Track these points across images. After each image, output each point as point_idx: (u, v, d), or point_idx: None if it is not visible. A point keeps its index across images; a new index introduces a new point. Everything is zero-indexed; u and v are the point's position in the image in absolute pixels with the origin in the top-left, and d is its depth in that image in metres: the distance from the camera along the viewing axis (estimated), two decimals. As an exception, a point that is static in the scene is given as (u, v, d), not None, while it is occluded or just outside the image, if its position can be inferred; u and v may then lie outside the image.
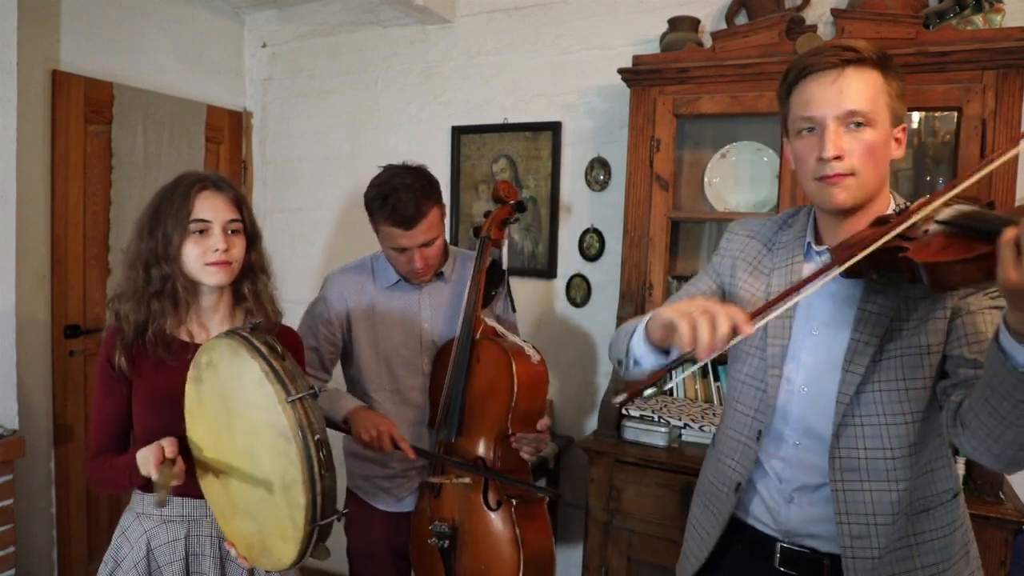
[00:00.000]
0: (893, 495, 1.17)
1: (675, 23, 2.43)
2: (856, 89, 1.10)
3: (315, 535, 1.19)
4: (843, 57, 1.10)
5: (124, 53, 2.93)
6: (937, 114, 2.15)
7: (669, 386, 1.10)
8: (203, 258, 1.41)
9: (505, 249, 1.99)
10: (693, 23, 2.44)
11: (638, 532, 2.21)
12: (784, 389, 1.25)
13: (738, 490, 1.30)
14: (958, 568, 1.21)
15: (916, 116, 2.20)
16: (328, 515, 1.18)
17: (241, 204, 1.48)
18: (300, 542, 1.18)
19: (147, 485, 1.42)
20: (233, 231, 1.45)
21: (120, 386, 1.44)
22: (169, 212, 1.41)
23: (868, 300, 1.16)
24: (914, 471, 1.17)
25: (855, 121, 1.10)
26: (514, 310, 2.13)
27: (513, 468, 1.84)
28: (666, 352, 1.15)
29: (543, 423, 1.88)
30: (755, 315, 1.05)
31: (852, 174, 1.11)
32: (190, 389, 1.35)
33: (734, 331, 0.98)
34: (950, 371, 1.11)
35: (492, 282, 1.97)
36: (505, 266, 2.00)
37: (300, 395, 1.17)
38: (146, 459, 1.32)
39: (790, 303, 1.09)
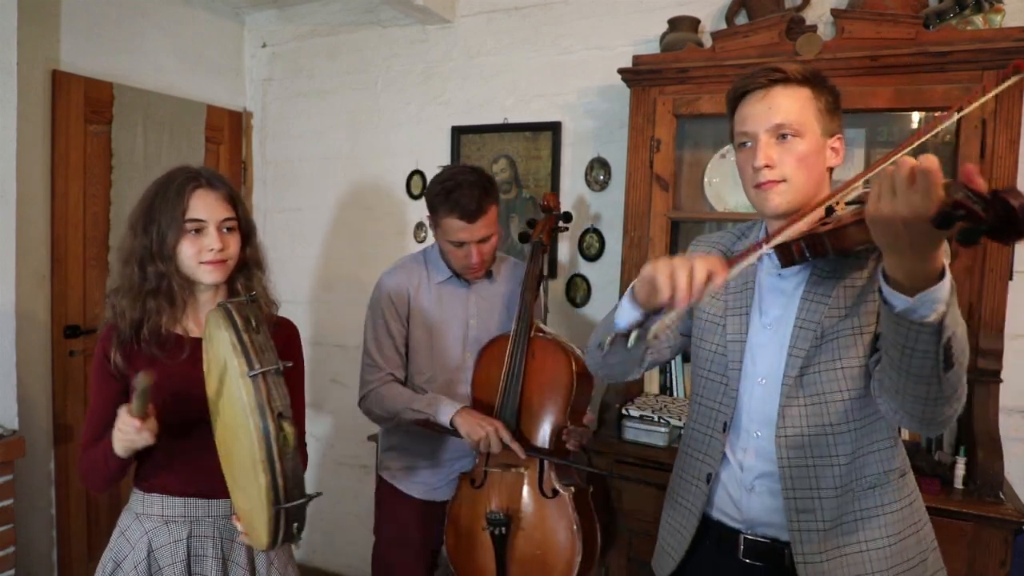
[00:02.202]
0: (835, 469, 1.24)
1: (675, 23, 2.43)
2: (784, 105, 1.22)
3: (282, 518, 1.14)
4: (771, 78, 1.23)
5: (124, 53, 2.93)
6: (937, 114, 2.15)
7: (652, 333, 1.18)
8: (198, 257, 1.41)
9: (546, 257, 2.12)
10: (693, 23, 2.44)
11: (638, 532, 2.21)
12: (745, 381, 1.32)
13: (709, 480, 1.35)
14: (906, 544, 1.26)
15: (916, 116, 2.20)
16: (293, 498, 1.12)
17: (235, 201, 1.48)
18: (268, 523, 1.13)
19: (136, 476, 1.43)
20: (228, 229, 1.45)
21: (116, 382, 1.44)
22: (163, 210, 1.41)
23: (810, 291, 1.26)
24: (855, 446, 1.24)
25: (783, 133, 1.22)
26: (547, 311, 2.25)
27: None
28: (656, 312, 1.22)
29: (588, 417, 2.00)
30: (730, 263, 1.12)
31: (784, 180, 1.22)
32: (205, 359, 1.36)
33: (710, 277, 1.06)
34: (878, 347, 1.19)
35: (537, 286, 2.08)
36: (546, 272, 2.12)
37: (263, 370, 1.12)
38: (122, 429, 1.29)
39: (753, 257, 1.18)
